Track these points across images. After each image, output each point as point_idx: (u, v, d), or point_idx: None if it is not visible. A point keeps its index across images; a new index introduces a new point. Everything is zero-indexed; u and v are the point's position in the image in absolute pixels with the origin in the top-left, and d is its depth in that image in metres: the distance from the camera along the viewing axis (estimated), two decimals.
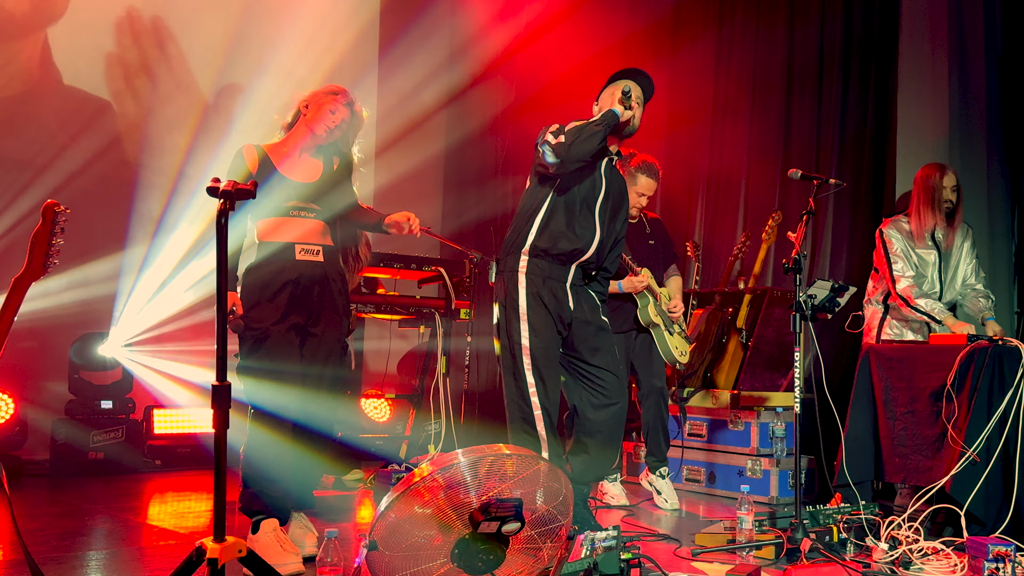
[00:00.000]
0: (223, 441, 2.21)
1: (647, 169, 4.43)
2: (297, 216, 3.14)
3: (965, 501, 3.28)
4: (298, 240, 3.13)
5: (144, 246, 6.05)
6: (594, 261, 3.43)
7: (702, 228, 5.96)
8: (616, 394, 3.37)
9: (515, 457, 2.32)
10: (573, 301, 3.39)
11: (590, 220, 3.39)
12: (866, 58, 5.23)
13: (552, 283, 3.35)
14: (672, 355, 4.41)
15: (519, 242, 3.38)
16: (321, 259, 3.18)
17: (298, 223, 3.15)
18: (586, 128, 3.23)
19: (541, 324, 3.30)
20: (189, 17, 6.47)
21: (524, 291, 3.32)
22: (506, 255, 3.43)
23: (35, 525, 3.65)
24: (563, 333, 3.38)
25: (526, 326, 3.29)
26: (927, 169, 4.22)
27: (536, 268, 3.34)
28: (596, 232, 3.40)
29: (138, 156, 6.29)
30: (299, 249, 3.13)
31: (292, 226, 3.14)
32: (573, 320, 3.38)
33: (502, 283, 3.40)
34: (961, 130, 4.82)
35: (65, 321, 5.56)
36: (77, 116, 6.04)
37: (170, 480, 5.12)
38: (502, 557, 2.34)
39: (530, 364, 3.28)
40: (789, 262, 3.31)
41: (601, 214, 3.43)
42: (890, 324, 4.27)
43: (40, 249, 2.43)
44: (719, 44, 6.03)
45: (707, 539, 3.37)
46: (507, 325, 3.34)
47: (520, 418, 3.30)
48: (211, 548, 2.16)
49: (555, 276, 3.36)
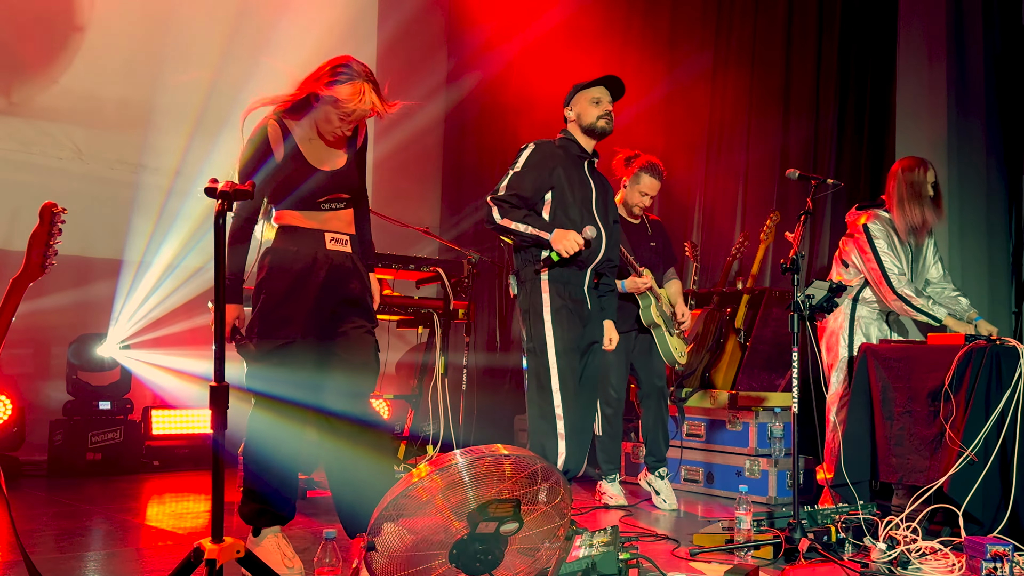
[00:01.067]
0: (221, 442, 2.21)
1: (651, 169, 4.45)
2: (328, 210, 2.96)
3: (963, 501, 3.28)
4: (327, 228, 2.96)
5: (142, 246, 6.05)
6: (605, 260, 3.57)
7: (700, 228, 5.96)
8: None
9: (513, 457, 2.32)
10: (591, 304, 3.56)
11: (592, 221, 3.50)
12: (863, 58, 5.23)
13: (572, 288, 3.49)
14: (672, 355, 4.43)
15: (535, 252, 3.49)
16: (349, 249, 3.01)
17: (326, 213, 2.96)
18: (512, 233, 3.42)
19: (565, 330, 3.43)
20: (189, 17, 6.46)
21: (548, 299, 3.45)
22: (524, 265, 3.53)
23: (33, 526, 3.65)
24: (584, 337, 3.53)
25: (551, 332, 3.42)
26: (910, 162, 4.11)
27: (558, 276, 3.47)
28: (601, 231, 3.52)
29: (137, 156, 6.28)
30: (329, 238, 2.95)
31: (320, 215, 2.95)
32: (588, 324, 3.54)
33: (525, 293, 3.52)
34: (959, 130, 4.82)
35: (63, 321, 5.56)
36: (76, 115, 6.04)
37: (168, 481, 5.12)
38: (500, 557, 2.34)
39: (556, 370, 3.40)
40: (787, 262, 3.32)
41: (599, 213, 3.55)
42: (860, 324, 4.16)
43: (38, 249, 2.43)
44: (717, 44, 6.03)
45: (705, 539, 3.37)
46: (533, 332, 3.46)
47: (539, 416, 3.43)
48: (209, 549, 2.15)
49: (575, 282, 3.50)
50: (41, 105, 5.90)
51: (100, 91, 6.10)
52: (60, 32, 5.99)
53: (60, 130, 5.96)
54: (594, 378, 3.64)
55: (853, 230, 4.17)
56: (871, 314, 4.18)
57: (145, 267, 5.98)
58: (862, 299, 4.17)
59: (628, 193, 4.52)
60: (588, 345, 3.56)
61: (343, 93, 2.80)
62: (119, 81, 6.19)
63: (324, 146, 2.98)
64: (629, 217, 4.59)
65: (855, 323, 4.16)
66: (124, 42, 6.22)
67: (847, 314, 4.18)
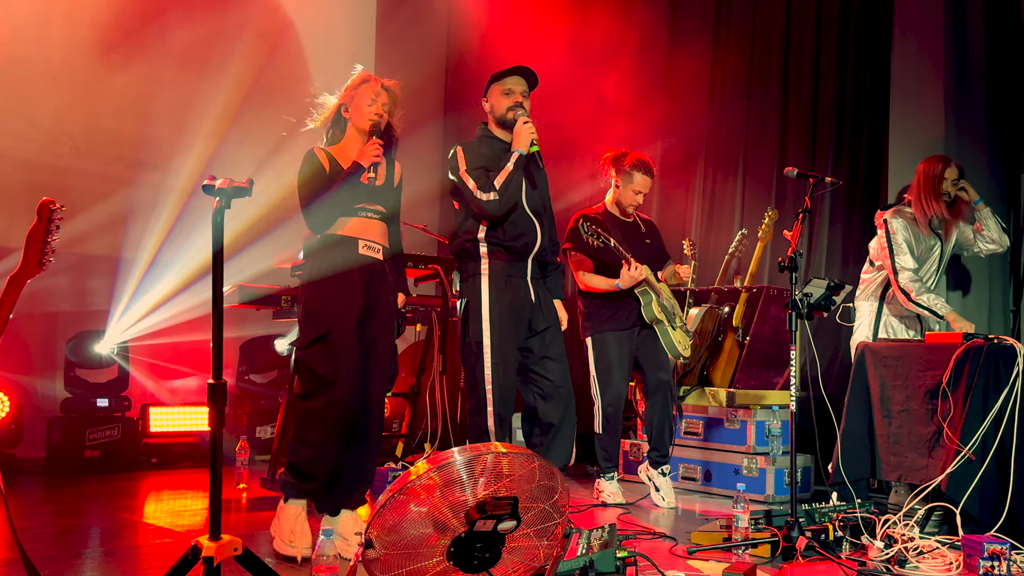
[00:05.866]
0: (219, 439, 2.21)
1: (642, 167, 4.46)
2: (365, 217, 3.21)
3: (960, 499, 3.29)
4: (361, 236, 3.19)
5: (141, 244, 6.04)
6: (543, 249, 3.60)
7: (698, 226, 5.96)
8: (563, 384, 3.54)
9: (511, 455, 2.32)
10: (536, 293, 3.58)
11: (523, 211, 3.53)
12: (861, 57, 5.23)
13: (514, 281, 3.52)
14: (676, 349, 4.43)
15: (474, 250, 3.53)
16: (381, 257, 3.24)
17: (363, 222, 3.21)
18: (510, 181, 3.42)
19: (502, 328, 3.46)
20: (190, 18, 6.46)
21: (487, 298, 3.47)
22: (465, 263, 3.58)
23: (31, 523, 3.64)
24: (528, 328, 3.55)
25: (487, 332, 3.45)
26: (931, 160, 4.28)
27: (499, 270, 3.50)
28: (533, 220, 3.55)
29: (137, 154, 6.28)
30: (362, 244, 3.19)
31: (357, 224, 3.20)
32: (533, 313, 3.56)
33: (465, 288, 3.57)
34: (956, 129, 4.82)
35: (61, 319, 5.56)
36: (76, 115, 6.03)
37: (166, 478, 5.12)
38: (498, 555, 2.34)
39: (490, 368, 3.43)
40: (785, 260, 3.32)
41: (529, 201, 3.56)
42: (886, 323, 4.25)
43: (36, 247, 2.42)
44: (716, 41, 6.03)
45: (703, 537, 3.37)
46: (470, 329, 3.51)
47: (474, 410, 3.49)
48: (207, 546, 2.15)
49: (516, 274, 3.53)
50: (40, 101, 5.89)
51: (98, 87, 6.09)
52: (59, 29, 5.98)
53: (58, 127, 5.95)
54: (561, 358, 3.61)
55: (880, 226, 4.27)
56: (899, 311, 4.23)
57: (143, 265, 5.98)
58: (888, 299, 4.22)
59: (621, 192, 4.52)
60: (541, 331, 3.55)
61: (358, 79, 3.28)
62: (118, 78, 6.18)
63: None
64: (622, 216, 4.59)
65: (881, 322, 4.23)
66: (122, 38, 6.21)
67: (874, 312, 4.24)
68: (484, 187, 3.42)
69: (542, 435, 3.57)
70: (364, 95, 3.26)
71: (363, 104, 3.25)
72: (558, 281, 3.77)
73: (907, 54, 4.97)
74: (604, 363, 4.42)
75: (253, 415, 5.81)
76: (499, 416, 3.43)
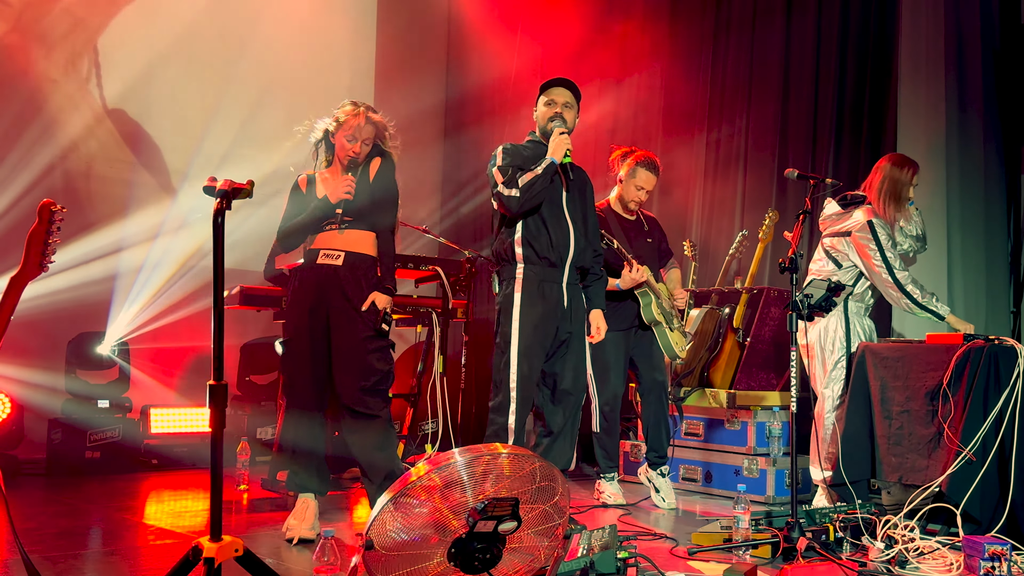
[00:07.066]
0: (219, 440, 2.21)
1: (647, 164, 4.46)
2: (329, 230, 3.46)
3: (961, 500, 3.29)
4: (323, 247, 3.46)
5: (141, 245, 6.05)
6: (580, 254, 3.66)
7: (699, 227, 5.96)
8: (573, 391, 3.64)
9: (511, 456, 2.32)
10: (569, 299, 3.64)
11: (562, 218, 3.62)
12: (863, 56, 5.22)
13: (548, 286, 3.58)
14: (673, 350, 4.44)
15: (510, 254, 3.61)
16: (340, 263, 3.43)
17: (327, 234, 3.47)
18: (535, 183, 3.50)
19: (531, 330, 3.54)
20: (191, 22, 6.46)
21: (519, 299, 3.56)
22: (503, 265, 3.66)
23: (31, 525, 3.64)
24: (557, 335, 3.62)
25: (516, 333, 3.54)
26: (901, 162, 4.06)
27: (535, 274, 3.58)
28: (570, 228, 3.62)
29: (137, 155, 6.28)
30: (322, 254, 3.45)
31: (322, 237, 3.48)
32: (564, 320, 3.62)
33: (502, 291, 3.65)
34: (959, 129, 4.82)
35: (62, 320, 5.56)
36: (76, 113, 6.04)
37: (167, 479, 5.12)
38: (499, 556, 2.34)
39: (516, 369, 3.52)
40: (785, 261, 3.32)
41: (570, 209, 3.65)
42: (854, 321, 4.11)
43: (36, 248, 2.43)
44: (716, 37, 6.03)
45: (704, 538, 3.37)
46: (501, 329, 3.60)
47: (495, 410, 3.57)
48: (207, 547, 2.15)
49: (551, 279, 3.60)
50: (40, 102, 5.89)
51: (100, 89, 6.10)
52: (58, 29, 5.98)
53: (59, 128, 5.96)
54: (578, 366, 3.68)
55: (864, 227, 4.08)
56: (859, 309, 4.16)
57: (143, 266, 5.98)
58: (854, 295, 4.14)
59: (624, 188, 4.52)
60: (565, 339, 3.63)
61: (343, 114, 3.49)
62: (119, 79, 6.19)
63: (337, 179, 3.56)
64: (625, 213, 4.59)
65: (850, 320, 4.12)
66: (122, 41, 6.22)
67: (841, 312, 4.12)
68: (509, 183, 3.52)
69: (545, 437, 3.65)
70: (346, 129, 3.48)
71: (343, 139, 3.48)
72: (598, 291, 3.81)
73: (911, 53, 4.96)
74: (601, 362, 4.42)
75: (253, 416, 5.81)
76: (520, 418, 3.52)
